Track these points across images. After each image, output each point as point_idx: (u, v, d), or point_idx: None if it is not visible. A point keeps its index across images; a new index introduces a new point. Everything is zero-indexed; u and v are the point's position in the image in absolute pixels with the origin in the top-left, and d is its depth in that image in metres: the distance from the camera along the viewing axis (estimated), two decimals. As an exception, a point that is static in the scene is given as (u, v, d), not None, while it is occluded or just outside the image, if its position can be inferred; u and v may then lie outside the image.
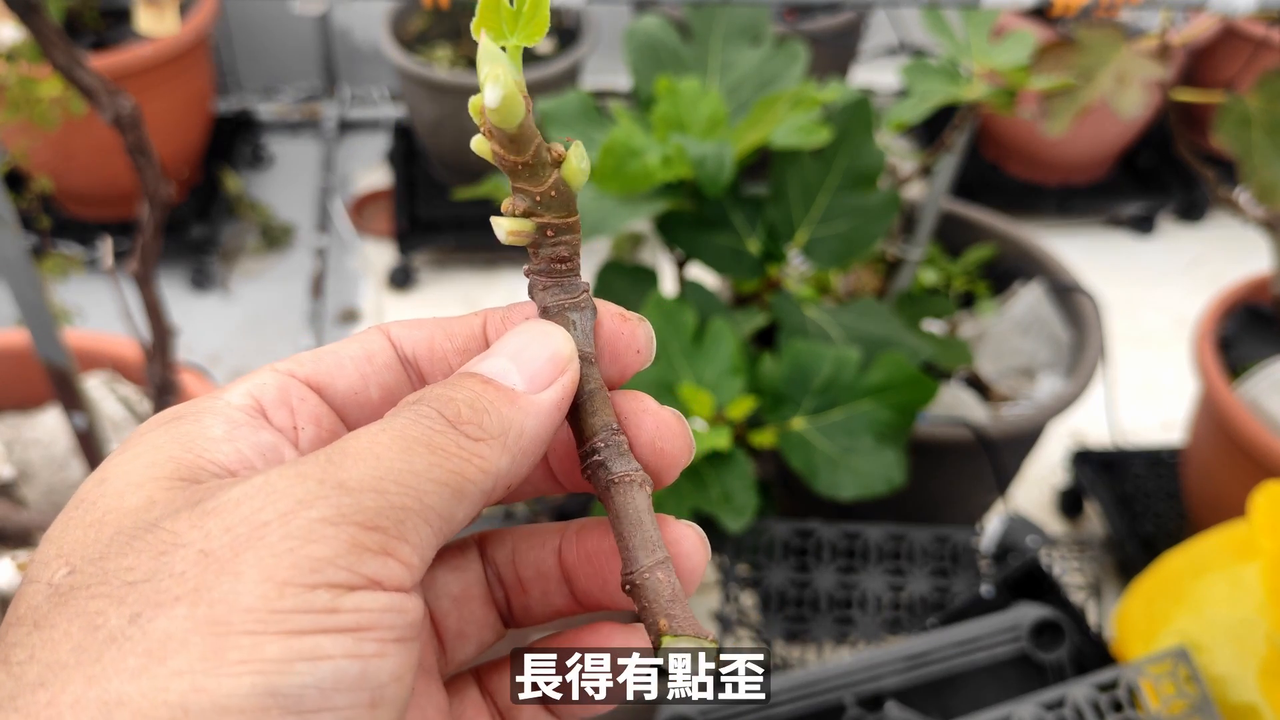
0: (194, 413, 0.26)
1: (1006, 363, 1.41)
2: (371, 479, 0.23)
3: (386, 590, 0.22)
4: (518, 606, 0.30)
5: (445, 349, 0.29)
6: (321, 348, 0.28)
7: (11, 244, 0.80)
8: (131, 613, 0.21)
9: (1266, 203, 1.04)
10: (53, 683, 0.20)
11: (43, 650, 0.21)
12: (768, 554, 1.10)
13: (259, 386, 0.26)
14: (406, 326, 0.29)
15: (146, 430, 0.25)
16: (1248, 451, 1.19)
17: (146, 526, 0.22)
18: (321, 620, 0.21)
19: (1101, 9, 0.97)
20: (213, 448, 0.25)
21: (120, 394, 1.20)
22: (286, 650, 0.20)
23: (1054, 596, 1.00)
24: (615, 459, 0.28)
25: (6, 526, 1.07)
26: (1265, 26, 1.85)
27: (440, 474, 0.24)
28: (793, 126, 1.03)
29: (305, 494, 0.22)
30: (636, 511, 0.27)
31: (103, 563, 0.22)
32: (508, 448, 0.25)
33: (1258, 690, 0.83)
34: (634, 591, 0.27)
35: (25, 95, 1.06)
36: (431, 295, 1.96)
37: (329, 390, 0.27)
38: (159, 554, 0.21)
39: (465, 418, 0.25)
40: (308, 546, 0.21)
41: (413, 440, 0.24)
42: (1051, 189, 2.15)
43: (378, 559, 0.22)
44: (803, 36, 1.46)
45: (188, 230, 1.89)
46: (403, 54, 1.89)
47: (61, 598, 0.22)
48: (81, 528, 0.23)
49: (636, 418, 0.29)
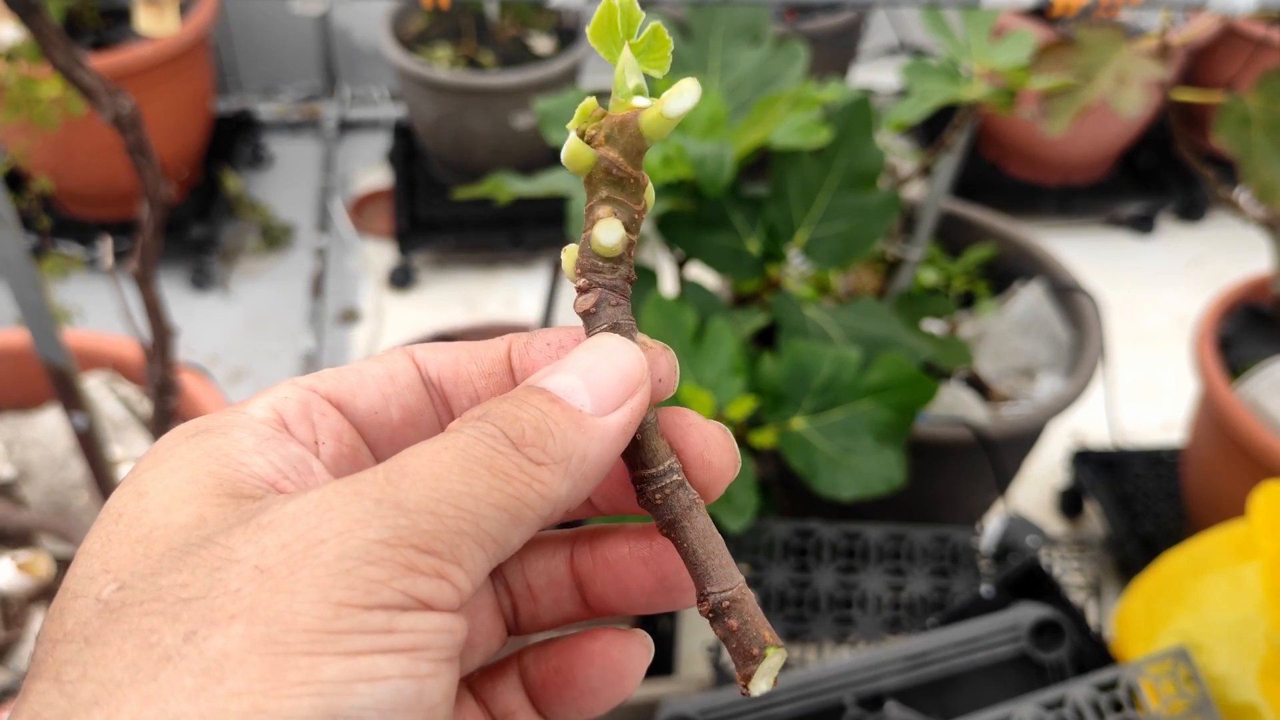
0: (220, 426, 0.25)
1: (1006, 363, 1.41)
2: (430, 501, 0.22)
3: (438, 611, 0.22)
4: (525, 614, 0.30)
5: (470, 372, 0.28)
6: (345, 366, 0.28)
7: (11, 244, 0.80)
8: (187, 630, 0.20)
9: (1266, 203, 1.04)
10: (107, 702, 0.20)
11: (95, 668, 0.20)
12: (768, 554, 1.10)
13: (281, 400, 0.26)
14: (431, 350, 0.29)
15: (174, 444, 0.25)
16: (1248, 451, 1.19)
17: (200, 542, 0.22)
18: (378, 641, 0.21)
19: (1101, 9, 0.97)
20: (248, 460, 0.24)
21: (120, 394, 1.20)
22: (345, 671, 0.20)
23: (1054, 596, 1.00)
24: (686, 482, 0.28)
25: (6, 526, 1.07)
26: (1265, 26, 1.85)
27: (499, 499, 0.23)
28: (793, 126, 1.03)
29: (362, 513, 0.22)
30: (714, 532, 0.28)
31: (155, 579, 0.22)
32: (570, 473, 0.25)
33: (1258, 690, 0.83)
34: (730, 608, 0.27)
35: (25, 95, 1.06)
36: (431, 295, 1.96)
37: (349, 407, 0.27)
38: (213, 570, 0.21)
39: (529, 439, 0.24)
40: (364, 568, 0.21)
41: (474, 461, 0.23)
42: (1051, 189, 2.15)
43: (432, 582, 0.22)
44: (803, 36, 1.46)
45: (188, 230, 1.90)
46: (403, 54, 1.89)
47: (113, 614, 0.21)
48: (128, 543, 0.23)
49: (683, 431, 0.28)
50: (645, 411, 0.27)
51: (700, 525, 0.28)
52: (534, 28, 2.06)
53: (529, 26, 2.06)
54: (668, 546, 0.29)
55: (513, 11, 2.06)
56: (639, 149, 0.27)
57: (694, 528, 0.28)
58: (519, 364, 0.29)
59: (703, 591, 0.28)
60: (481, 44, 2.02)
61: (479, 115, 1.88)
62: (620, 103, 0.27)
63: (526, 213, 1.92)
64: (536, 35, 2.05)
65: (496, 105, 1.87)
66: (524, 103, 1.86)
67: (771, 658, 0.27)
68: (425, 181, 2.04)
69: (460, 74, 1.89)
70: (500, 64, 1.97)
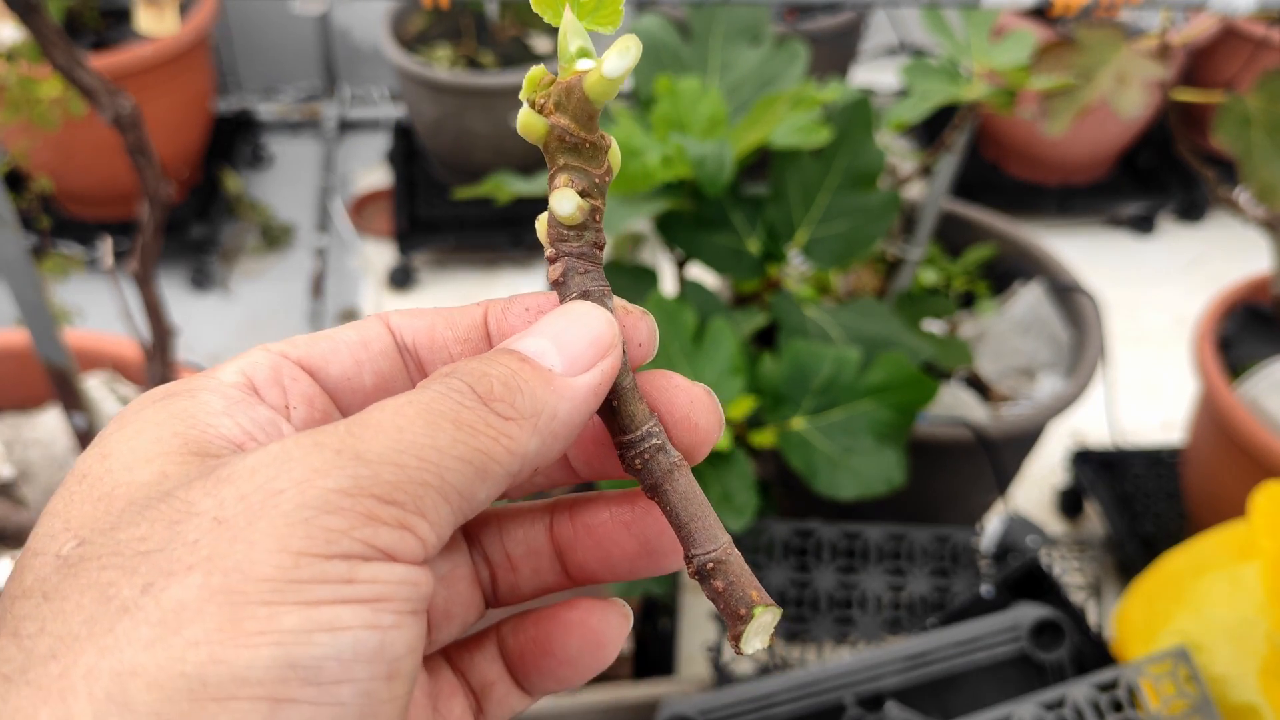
0: (188, 390, 0.25)
1: (1006, 363, 1.41)
2: (391, 452, 0.22)
3: (401, 562, 0.22)
4: (504, 585, 0.30)
5: (446, 338, 0.28)
6: (318, 332, 0.28)
7: (11, 244, 0.80)
8: (144, 582, 0.20)
9: (1266, 203, 1.04)
10: (64, 654, 0.20)
11: (54, 622, 0.20)
12: (768, 554, 1.10)
13: (251, 365, 0.26)
14: (406, 316, 0.29)
15: (141, 407, 0.25)
16: (1248, 451, 1.20)
17: (160, 497, 0.22)
18: (339, 591, 0.20)
19: (1101, 9, 0.97)
20: (215, 421, 0.24)
21: (120, 394, 1.20)
22: (305, 621, 0.20)
23: (1054, 596, 1.00)
24: (667, 444, 0.28)
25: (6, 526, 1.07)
26: (1265, 26, 1.85)
27: (464, 451, 0.23)
28: (793, 126, 1.03)
29: (321, 463, 0.22)
30: (699, 494, 0.28)
31: (114, 533, 0.21)
32: (538, 430, 0.25)
33: (1258, 690, 0.83)
34: (715, 569, 0.27)
35: (25, 95, 1.06)
36: (431, 295, 1.96)
37: (322, 373, 0.27)
38: (172, 523, 0.21)
39: (497, 395, 0.24)
40: (323, 517, 0.21)
41: (439, 414, 0.23)
42: (1051, 189, 2.15)
43: (394, 532, 0.21)
44: (803, 36, 1.46)
45: (188, 230, 1.90)
46: (403, 54, 1.89)
47: (71, 569, 0.21)
48: (89, 501, 0.23)
49: (668, 394, 0.28)
50: (616, 374, 0.27)
51: (683, 488, 0.28)
52: (534, 28, 2.06)
53: (529, 26, 2.06)
54: (650, 510, 0.29)
55: (513, 11, 2.06)
56: (589, 113, 0.27)
57: (676, 490, 0.28)
58: (496, 329, 0.29)
59: (688, 554, 0.28)
60: (481, 44, 2.02)
61: (479, 115, 1.88)
62: (565, 68, 0.27)
63: (526, 213, 1.92)
64: (536, 35, 2.05)
65: (496, 105, 1.87)
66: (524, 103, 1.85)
67: (762, 616, 0.27)
68: (425, 181, 2.04)
69: (460, 74, 1.89)
70: (500, 64, 1.97)
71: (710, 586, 0.27)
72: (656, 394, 0.29)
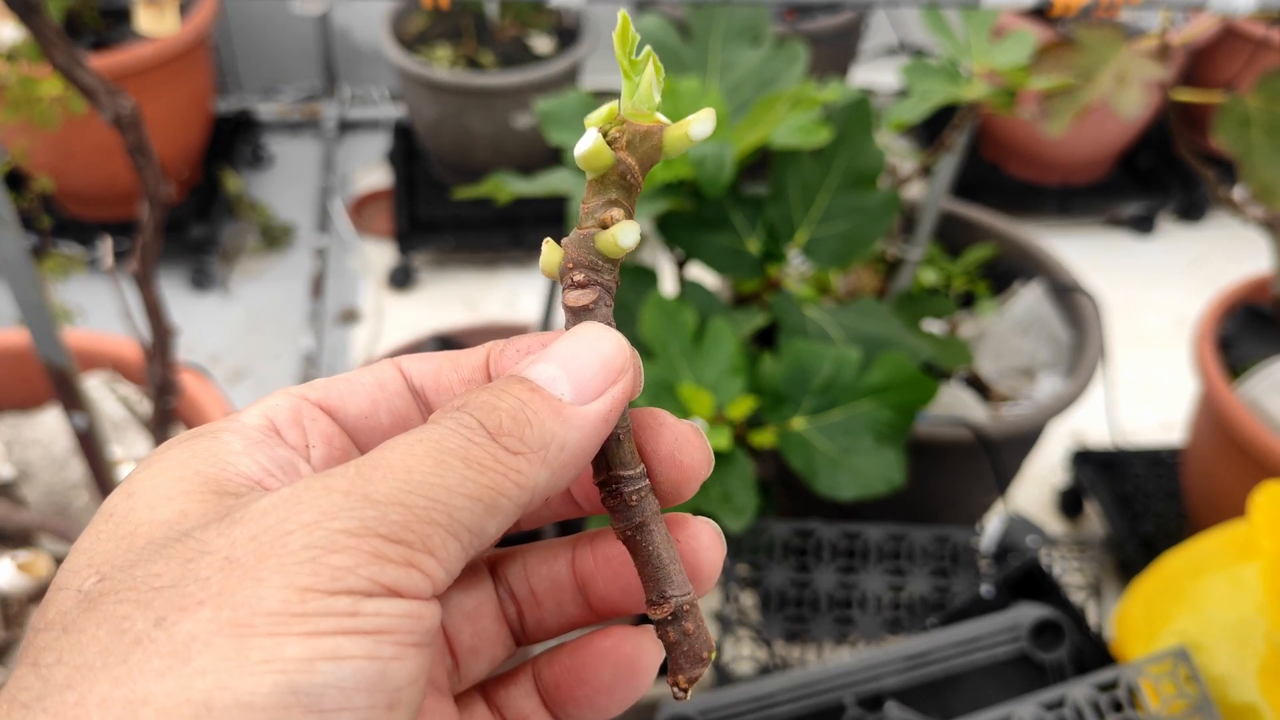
0: (213, 431, 0.26)
1: (1006, 363, 1.41)
2: (400, 492, 0.23)
3: (405, 598, 0.22)
4: (531, 620, 0.31)
5: (451, 380, 0.29)
6: (335, 376, 0.29)
7: (11, 244, 0.80)
8: (157, 616, 0.21)
9: (1266, 203, 1.04)
10: (80, 684, 0.21)
11: (70, 653, 0.21)
12: (768, 554, 1.10)
13: (272, 408, 0.27)
14: (416, 359, 0.30)
15: (168, 448, 0.26)
16: (1248, 451, 1.19)
17: (178, 536, 0.23)
18: (342, 623, 0.21)
19: (1101, 9, 0.97)
20: (236, 461, 0.25)
21: (120, 394, 1.20)
22: (308, 650, 0.21)
23: (1054, 596, 1.00)
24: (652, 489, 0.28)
25: (6, 526, 1.07)
26: (1265, 26, 1.85)
27: (473, 489, 0.24)
28: (793, 126, 1.03)
29: (330, 506, 0.22)
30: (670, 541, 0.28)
31: (133, 570, 0.22)
32: (548, 462, 0.25)
33: (1258, 690, 0.83)
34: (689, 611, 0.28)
35: (25, 95, 1.06)
36: (431, 295, 1.96)
37: (340, 413, 0.28)
38: (186, 561, 0.22)
39: (506, 429, 0.25)
40: (330, 556, 0.22)
41: (448, 452, 0.24)
42: (1051, 189, 2.15)
43: (400, 569, 0.22)
44: (803, 36, 1.46)
45: (188, 230, 1.89)
46: (403, 54, 1.89)
47: (90, 603, 0.22)
48: (113, 540, 0.24)
49: (654, 431, 0.29)
50: (628, 399, 0.27)
51: (664, 530, 0.28)
52: (534, 28, 2.06)
53: (529, 26, 2.06)
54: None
55: (513, 11, 2.06)
56: (652, 160, 0.28)
57: (660, 531, 0.28)
58: (495, 371, 0.29)
59: (664, 594, 0.28)
60: (481, 44, 2.02)
61: (479, 115, 1.88)
62: (644, 114, 0.28)
63: (526, 213, 1.92)
64: (536, 35, 2.05)
65: (496, 105, 1.87)
66: (524, 103, 1.86)
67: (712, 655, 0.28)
68: (425, 181, 2.04)
69: (460, 74, 1.89)
70: (500, 64, 1.97)
71: (680, 628, 0.28)
72: (642, 430, 0.29)
